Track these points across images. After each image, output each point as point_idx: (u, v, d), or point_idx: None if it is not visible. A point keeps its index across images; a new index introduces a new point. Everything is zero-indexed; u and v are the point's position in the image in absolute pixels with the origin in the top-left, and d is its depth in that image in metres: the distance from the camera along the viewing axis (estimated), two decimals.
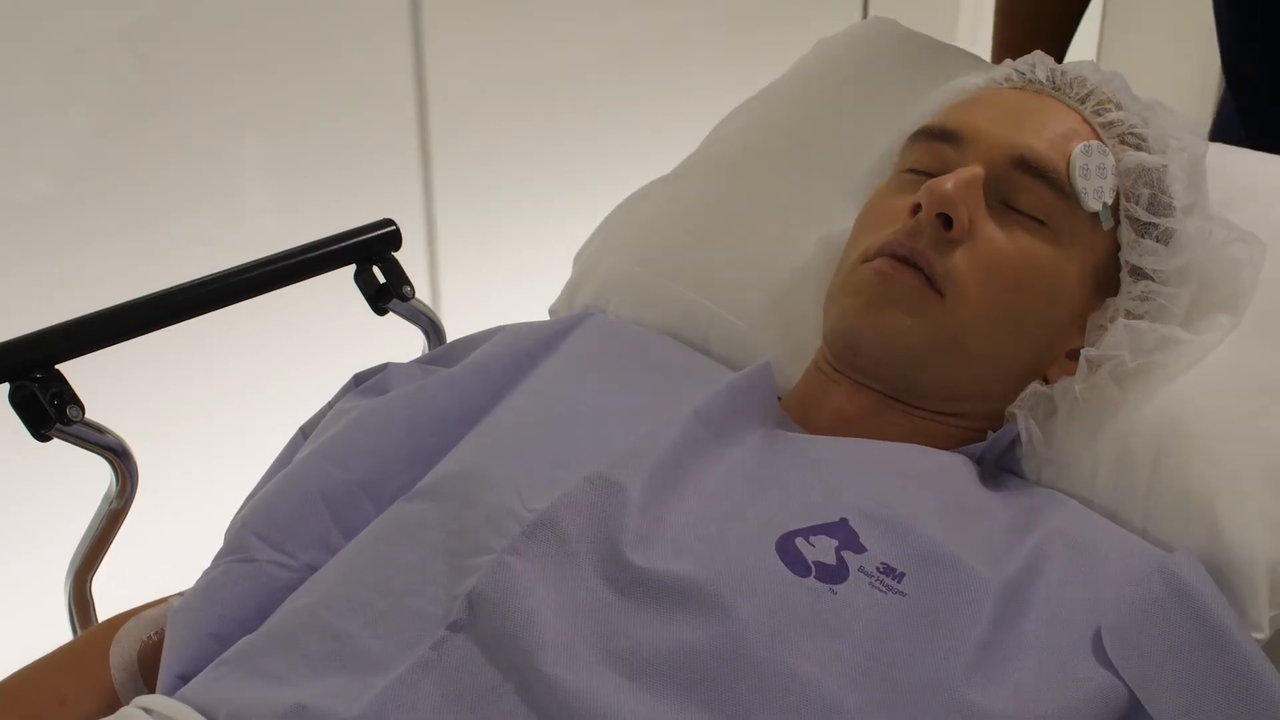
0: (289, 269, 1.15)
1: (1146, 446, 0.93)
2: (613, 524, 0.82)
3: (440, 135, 1.82)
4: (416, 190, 1.79)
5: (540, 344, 1.05)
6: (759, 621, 0.77)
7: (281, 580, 0.92)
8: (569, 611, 0.78)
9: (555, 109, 1.96)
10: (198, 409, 1.57)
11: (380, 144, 1.80)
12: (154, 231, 1.61)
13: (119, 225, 1.60)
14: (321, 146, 1.75)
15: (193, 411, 1.56)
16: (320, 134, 1.75)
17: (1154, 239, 0.97)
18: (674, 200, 1.22)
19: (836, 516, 0.83)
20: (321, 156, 1.75)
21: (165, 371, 1.49)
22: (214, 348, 1.52)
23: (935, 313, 0.92)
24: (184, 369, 1.52)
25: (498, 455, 0.91)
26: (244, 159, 1.74)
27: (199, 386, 1.57)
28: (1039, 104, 0.99)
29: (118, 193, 1.61)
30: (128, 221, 1.61)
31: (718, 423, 0.91)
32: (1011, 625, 0.79)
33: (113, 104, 1.59)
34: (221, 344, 1.50)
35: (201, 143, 1.67)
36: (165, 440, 1.33)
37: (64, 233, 1.59)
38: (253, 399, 1.59)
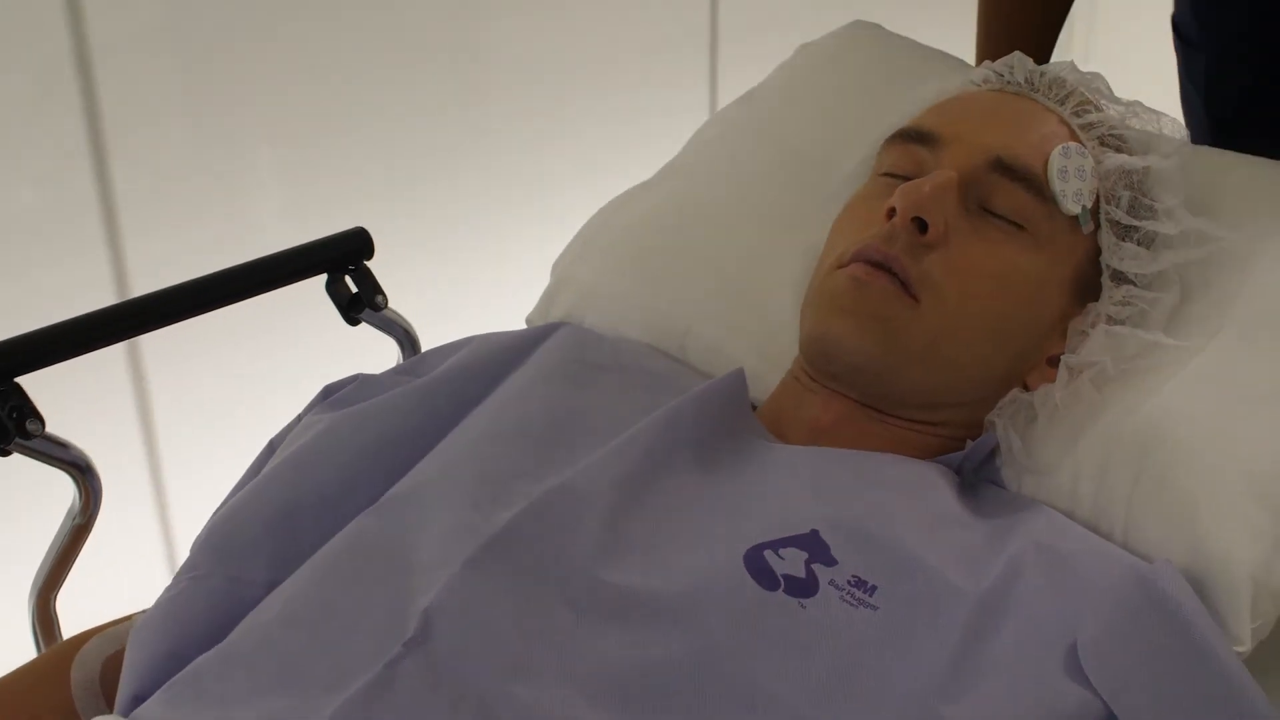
0: (257, 279, 1.13)
1: (1128, 455, 0.91)
2: (576, 537, 0.80)
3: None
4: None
5: (511, 354, 1.03)
6: (724, 638, 0.75)
7: (242, 597, 0.90)
8: (529, 627, 0.76)
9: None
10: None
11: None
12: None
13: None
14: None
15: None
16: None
17: (1135, 242, 0.95)
18: (652, 207, 1.20)
19: (807, 528, 0.81)
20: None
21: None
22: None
23: (910, 319, 0.90)
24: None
25: (460, 468, 0.89)
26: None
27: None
28: (1017, 105, 0.97)
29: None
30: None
31: (687, 433, 0.89)
32: (987, 639, 0.77)
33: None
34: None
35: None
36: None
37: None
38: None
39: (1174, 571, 0.82)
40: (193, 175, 1.64)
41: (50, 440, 1.03)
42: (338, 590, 0.84)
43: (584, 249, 1.21)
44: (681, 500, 0.85)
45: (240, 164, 1.69)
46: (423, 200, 1.74)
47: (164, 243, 1.56)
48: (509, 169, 1.83)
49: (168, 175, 1.61)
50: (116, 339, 1.07)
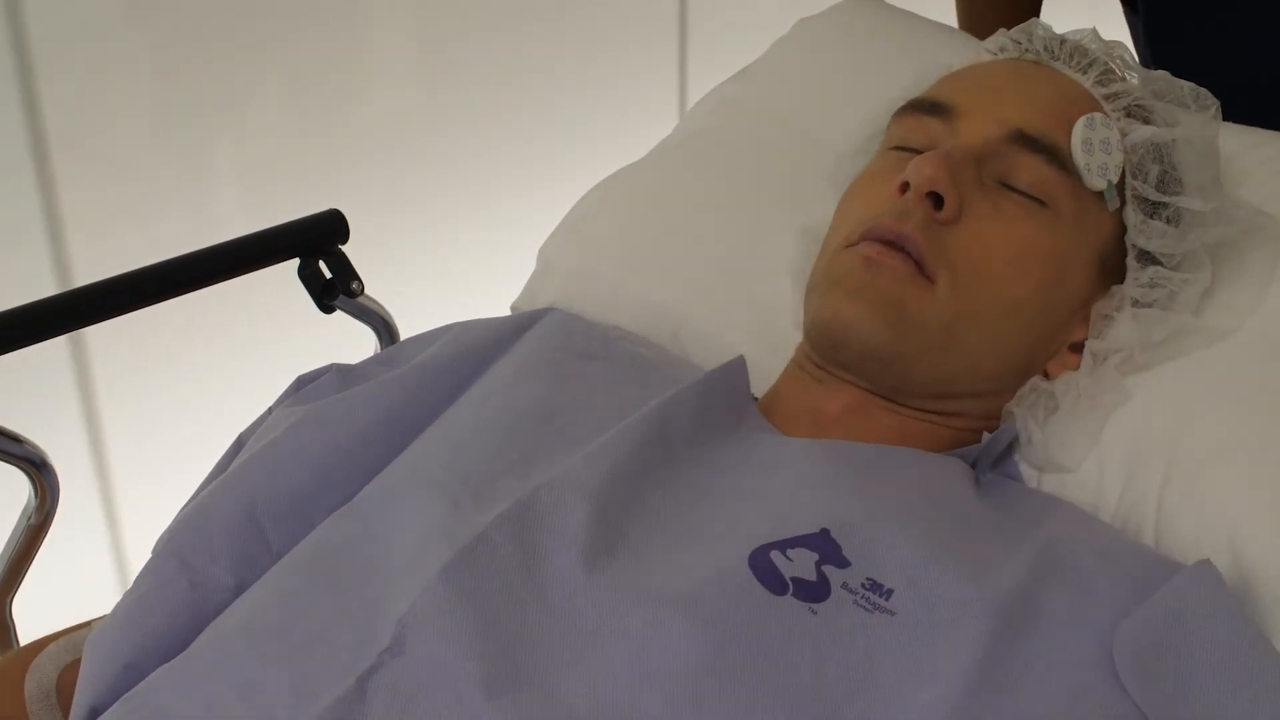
0: (224, 264, 1.06)
1: (1157, 450, 0.85)
2: (562, 540, 0.73)
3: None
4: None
5: (495, 342, 0.97)
6: (728, 647, 0.69)
7: (208, 601, 0.84)
8: (511, 638, 0.70)
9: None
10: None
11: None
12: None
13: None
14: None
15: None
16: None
17: (1164, 220, 0.89)
18: (643, 189, 1.14)
19: (816, 527, 0.75)
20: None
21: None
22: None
23: (925, 301, 0.83)
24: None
25: (438, 466, 0.83)
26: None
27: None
28: (1037, 74, 0.91)
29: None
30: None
31: (685, 426, 0.83)
32: (1013, 645, 0.71)
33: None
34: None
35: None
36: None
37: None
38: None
39: (1214, 573, 0.76)
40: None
41: (3, 435, 0.97)
42: (306, 598, 0.78)
43: (571, 233, 1.14)
44: (679, 498, 0.78)
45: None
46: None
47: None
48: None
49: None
50: (71, 327, 1.00)
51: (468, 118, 1.76)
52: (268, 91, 1.68)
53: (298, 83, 1.70)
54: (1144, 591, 0.75)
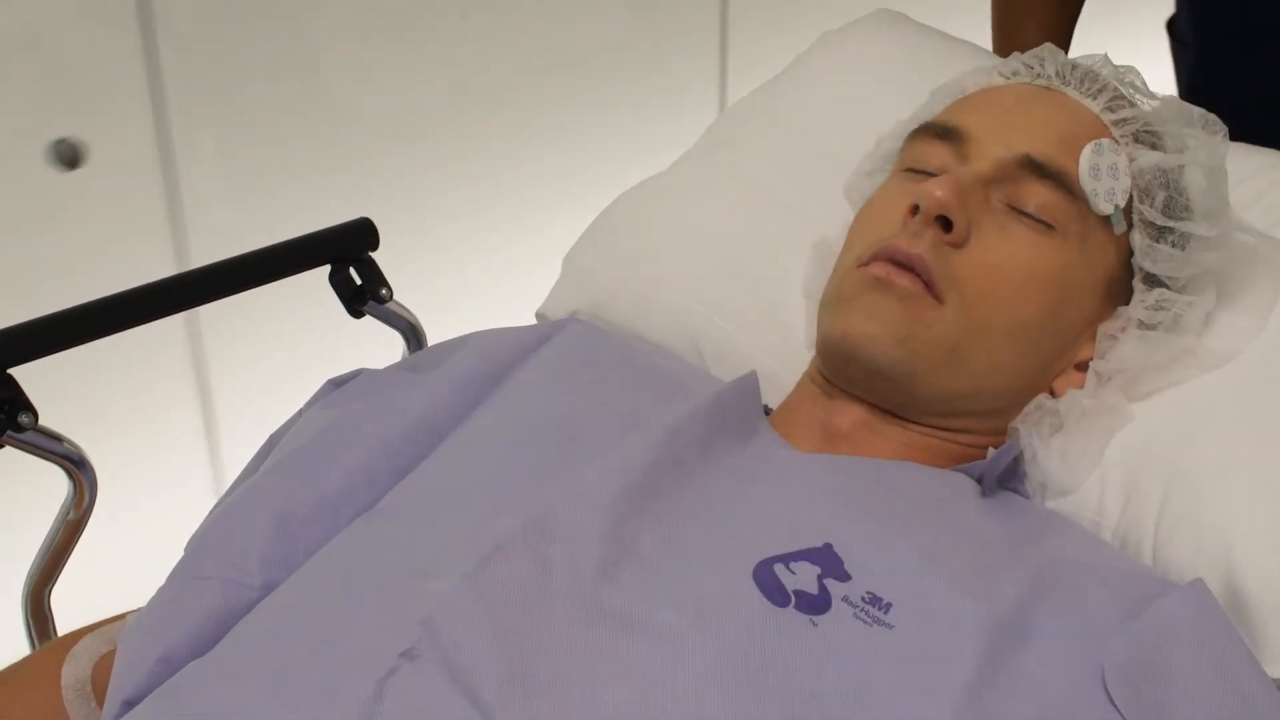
0: (258, 269, 1.09)
1: (1158, 467, 0.87)
2: (579, 551, 0.76)
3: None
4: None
5: (517, 352, 1.00)
6: (729, 658, 0.71)
7: (238, 600, 0.87)
8: (529, 643, 0.72)
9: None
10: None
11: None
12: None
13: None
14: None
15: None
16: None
17: (1170, 244, 0.91)
18: (668, 199, 1.17)
19: (820, 541, 0.77)
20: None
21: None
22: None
23: (933, 320, 0.86)
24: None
25: (461, 474, 0.86)
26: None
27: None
28: (1047, 100, 0.93)
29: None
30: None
31: (697, 441, 0.85)
32: (1008, 661, 0.73)
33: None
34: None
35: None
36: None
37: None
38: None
39: (1207, 593, 0.78)
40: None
41: (43, 433, 1.00)
42: (331, 599, 0.80)
43: (596, 241, 1.17)
44: (690, 510, 0.81)
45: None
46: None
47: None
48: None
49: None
50: (112, 330, 1.03)
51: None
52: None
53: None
54: (1137, 610, 0.77)
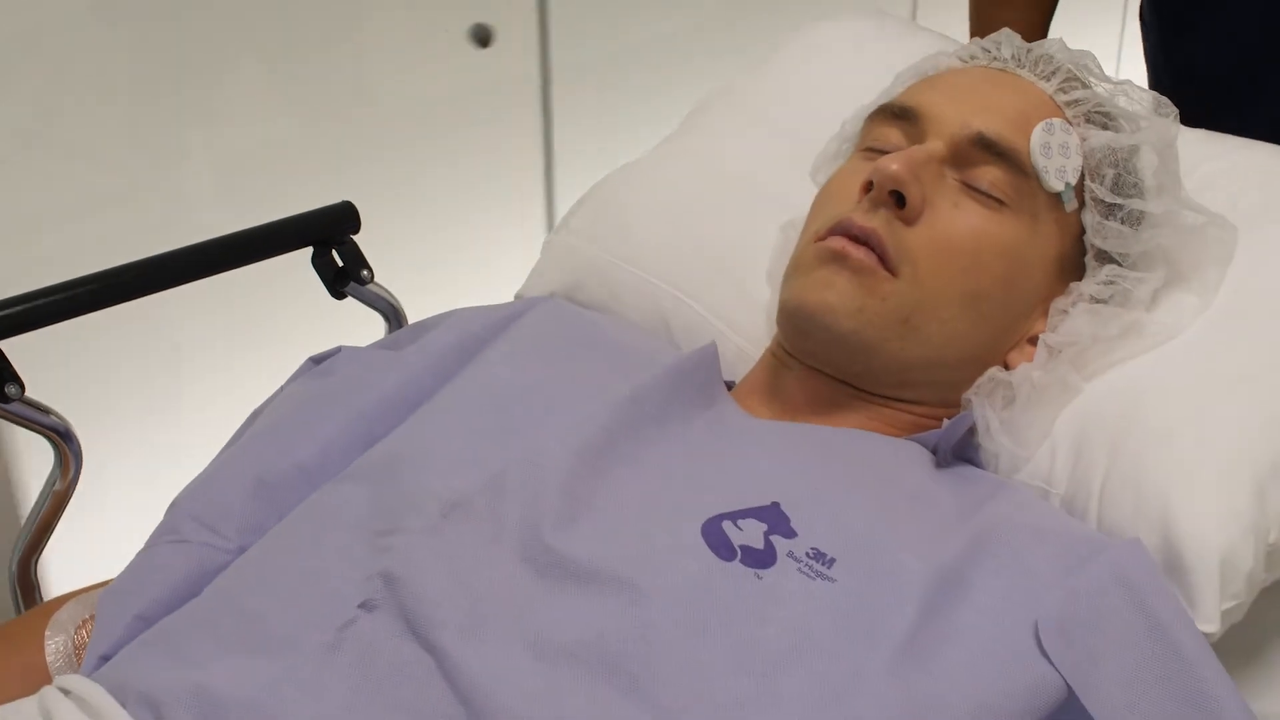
0: (241, 250, 1.13)
1: (1104, 436, 0.89)
2: (533, 505, 0.79)
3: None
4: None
5: (489, 328, 1.03)
6: (675, 606, 0.74)
7: (213, 562, 0.90)
8: (482, 592, 0.75)
9: None
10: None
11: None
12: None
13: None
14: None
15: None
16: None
17: (1119, 221, 0.93)
18: (643, 183, 1.19)
19: (767, 500, 0.80)
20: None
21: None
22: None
23: (887, 292, 0.89)
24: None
25: (426, 438, 0.89)
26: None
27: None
28: (1002, 81, 0.96)
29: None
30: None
31: (655, 406, 0.88)
32: (944, 613, 0.76)
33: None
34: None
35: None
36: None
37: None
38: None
39: (1142, 549, 0.81)
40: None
41: (30, 405, 1.03)
42: (296, 556, 0.84)
43: (573, 223, 1.20)
44: (644, 471, 0.84)
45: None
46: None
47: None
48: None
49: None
50: (98, 306, 1.07)
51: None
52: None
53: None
54: (1074, 568, 0.79)
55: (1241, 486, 0.84)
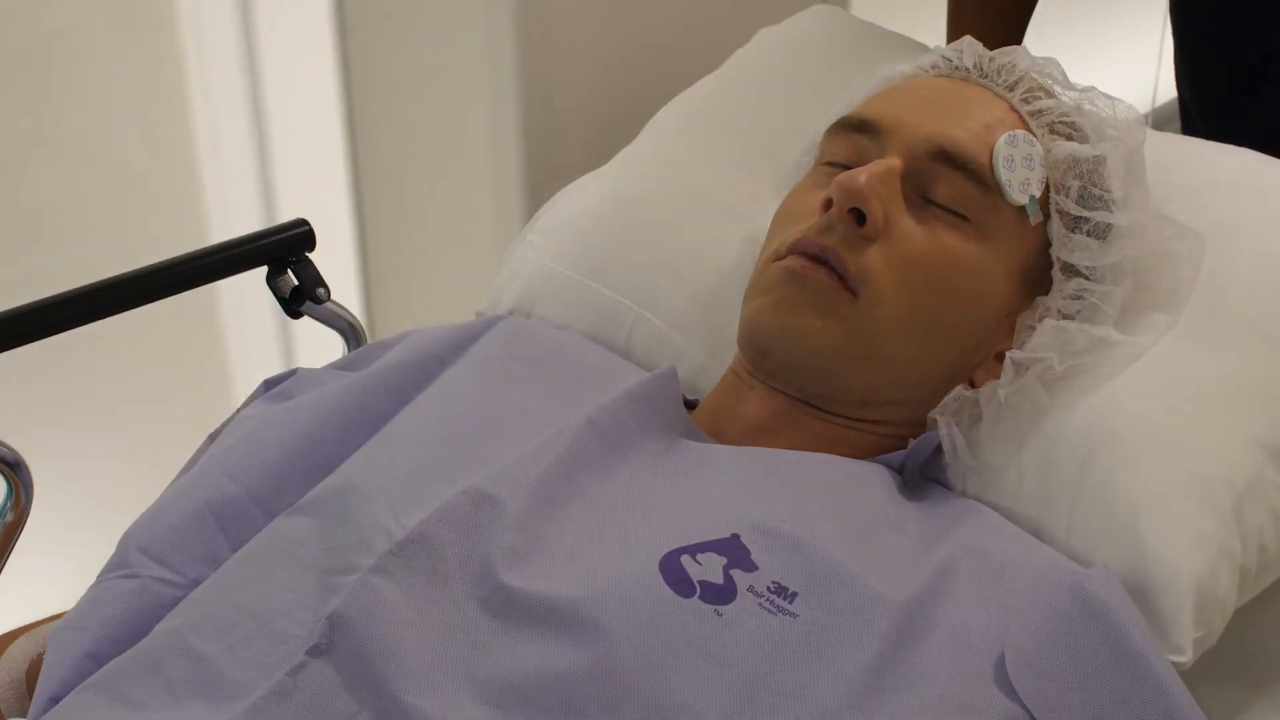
0: (194, 271, 1.10)
1: (1073, 455, 0.87)
2: (487, 541, 0.77)
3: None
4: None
5: (448, 349, 1.00)
6: (635, 647, 0.72)
7: (165, 597, 0.88)
8: (434, 634, 0.73)
9: None
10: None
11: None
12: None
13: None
14: None
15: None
16: None
17: (1086, 234, 0.92)
18: (603, 196, 1.17)
19: (728, 532, 0.78)
20: None
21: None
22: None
23: (848, 313, 0.87)
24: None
25: (378, 468, 0.87)
26: None
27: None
28: (963, 92, 0.94)
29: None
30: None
31: (613, 433, 0.86)
32: (910, 648, 0.74)
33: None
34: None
35: None
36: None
37: None
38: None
39: (1109, 578, 0.79)
40: None
41: None
42: (249, 594, 0.81)
43: (534, 238, 1.18)
44: (601, 503, 0.82)
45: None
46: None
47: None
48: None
49: None
50: (48, 333, 1.04)
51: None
52: None
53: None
54: (1040, 598, 0.78)
55: (1214, 509, 0.83)
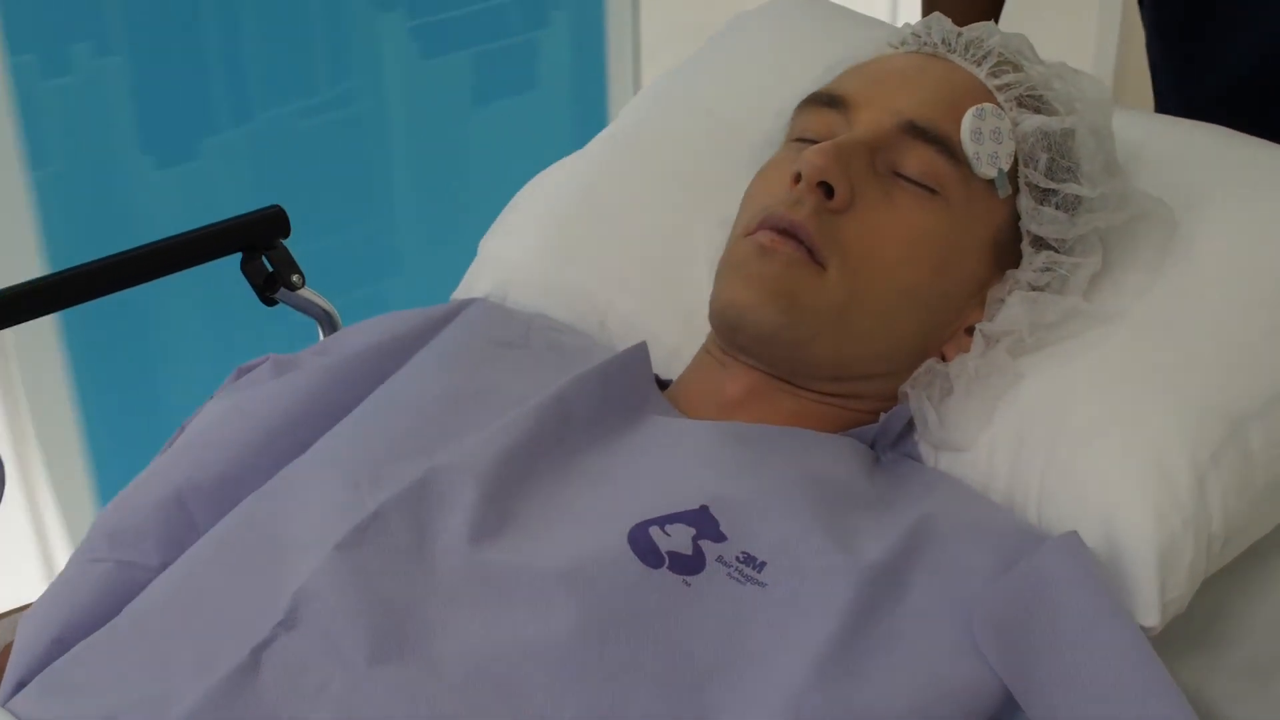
0: (168, 259, 1.10)
1: (1044, 429, 0.87)
2: (453, 516, 0.77)
3: None
4: None
5: (420, 332, 1.00)
6: (603, 617, 0.72)
7: (133, 581, 0.87)
8: (400, 610, 0.73)
9: None
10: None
11: None
12: None
13: None
14: None
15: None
16: None
17: (1054, 206, 0.91)
18: (578, 181, 1.17)
19: (696, 504, 0.78)
20: None
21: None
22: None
23: (817, 287, 0.87)
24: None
25: (347, 449, 0.87)
26: None
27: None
28: (932, 66, 0.94)
29: None
30: None
31: (583, 409, 0.86)
32: (878, 616, 0.74)
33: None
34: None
35: None
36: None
37: None
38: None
39: (1079, 544, 0.79)
40: None
41: None
42: (215, 574, 0.81)
43: (509, 224, 1.18)
44: (570, 477, 0.82)
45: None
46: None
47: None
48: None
49: None
50: (23, 319, 1.04)
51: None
52: None
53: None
54: (1009, 565, 0.78)
55: (1180, 477, 0.83)
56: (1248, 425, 0.85)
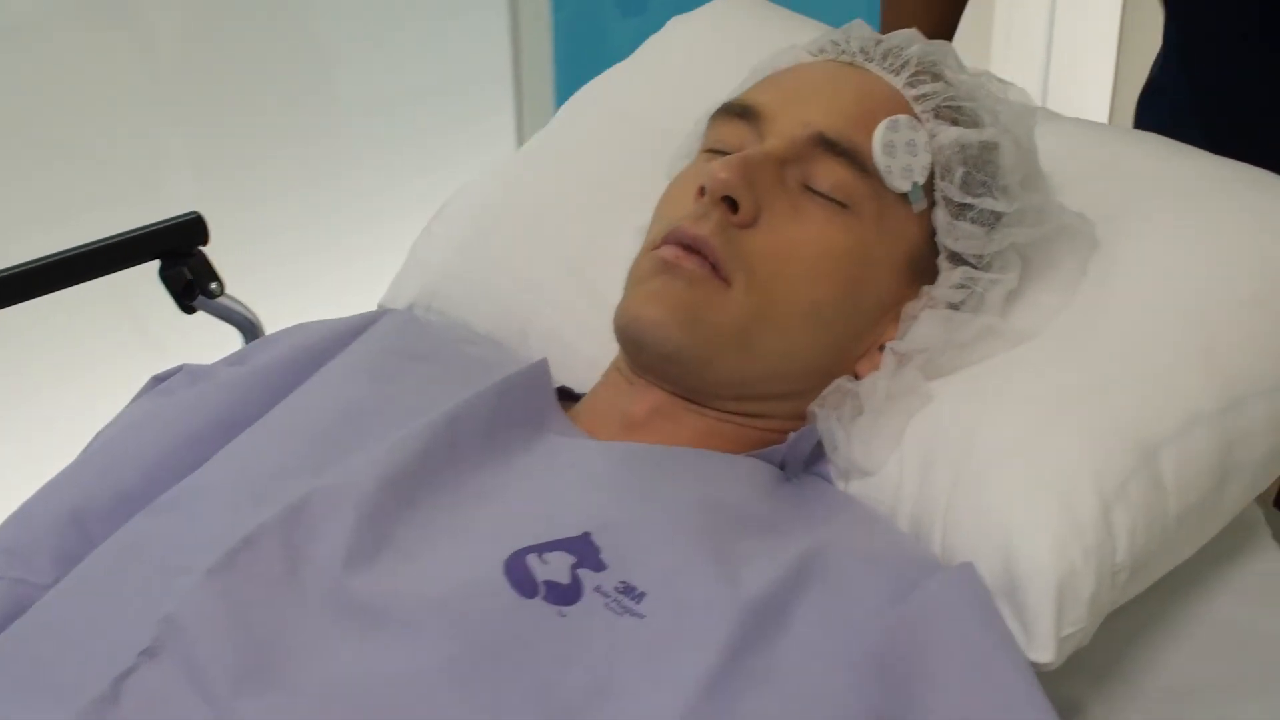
0: (84, 266, 1.08)
1: (950, 453, 0.85)
2: (328, 541, 0.75)
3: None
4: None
5: (328, 344, 0.98)
6: (472, 649, 0.70)
7: (27, 599, 0.85)
8: (268, 638, 0.71)
9: None
10: None
11: None
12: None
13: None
14: None
15: None
16: None
17: (971, 221, 0.89)
18: (506, 188, 1.15)
19: (578, 530, 0.76)
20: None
21: None
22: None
23: (721, 303, 0.84)
24: None
25: (234, 467, 0.85)
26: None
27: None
28: (848, 76, 0.91)
29: None
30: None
31: (475, 428, 0.84)
32: (759, 649, 0.71)
33: None
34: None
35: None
36: None
37: None
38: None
39: (973, 574, 0.76)
40: None
41: None
42: (93, 596, 0.79)
43: (434, 230, 1.15)
44: (458, 499, 0.79)
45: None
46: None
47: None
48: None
49: None
50: None
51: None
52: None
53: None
54: (901, 595, 0.75)
55: (1084, 507, 0.79)
56: (1159, 453, 0.83)
